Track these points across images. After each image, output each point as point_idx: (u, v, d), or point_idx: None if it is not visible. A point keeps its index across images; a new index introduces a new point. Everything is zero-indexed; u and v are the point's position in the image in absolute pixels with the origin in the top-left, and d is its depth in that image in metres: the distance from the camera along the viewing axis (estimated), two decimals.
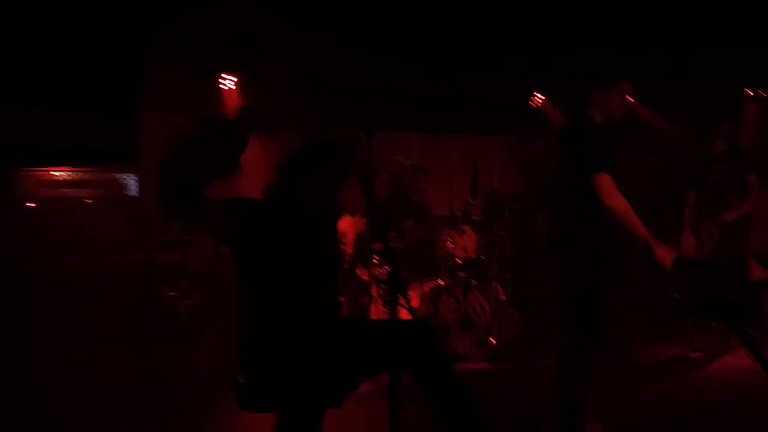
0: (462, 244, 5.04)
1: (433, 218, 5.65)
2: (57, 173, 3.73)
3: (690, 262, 2.80)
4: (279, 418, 1.93)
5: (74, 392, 3.36)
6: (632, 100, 2.99)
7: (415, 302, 4.58)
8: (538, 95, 6.37)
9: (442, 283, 4.67)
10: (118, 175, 3.82)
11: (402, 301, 1.82)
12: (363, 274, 4.75)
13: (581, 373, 2.85)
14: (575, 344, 2.89)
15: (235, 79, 4.98)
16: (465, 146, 6.70)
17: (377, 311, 4.49)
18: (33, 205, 3.59)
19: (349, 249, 4.87)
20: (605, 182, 2.70)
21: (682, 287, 2.73)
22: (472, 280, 4.80)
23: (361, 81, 5.33)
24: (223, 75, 4.96)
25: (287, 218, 2.09)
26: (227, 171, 2.04)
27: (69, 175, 3.74)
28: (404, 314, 1.88)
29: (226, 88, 4.97)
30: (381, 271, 4.39)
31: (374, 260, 4.57)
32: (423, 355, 1.99)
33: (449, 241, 4.93)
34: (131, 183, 3.86)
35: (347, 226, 4.86)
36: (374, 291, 4.58)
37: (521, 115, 6.44)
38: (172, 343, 3.91)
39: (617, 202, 2.71)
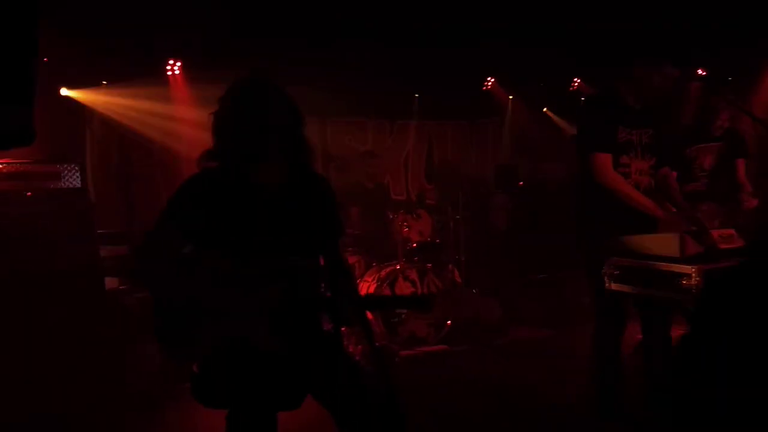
0: (417, 228, 5.08)
1: (390, 202, 5.67)
2: None
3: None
4: (230, 417, 1.75)
5: (22, 387, 3.24)
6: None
7: (372, 287, 4.60)
8: (490, 79, 6.44)
9: (398, 267, 4.70)
10: (59, 167, 3.66)
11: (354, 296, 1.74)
12: None
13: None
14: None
15: (180, 64, 4.83)
16: (420, 131, 6.73)
17: None
18: None
19: None
20: (599, 161, 2.66)
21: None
22: (428, 264, 4.85)
23: (313, 66, 5.25)
24: (169, 61, 4.81)
25: (234, 189, 1.82)
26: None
27: (6, 167, 3.56)
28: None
29: (171, 74, 4.82)
30: None
31: None
32: None
33: (405, 225, 4.95)
34: (74, 175, 3.71)
35: None
36: None
37: (474, 100, 6.51)
38: (123, 336, 3.80)
39: (609, 180, 2.66)
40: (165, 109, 4.96)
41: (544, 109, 6.62)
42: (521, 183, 5.52)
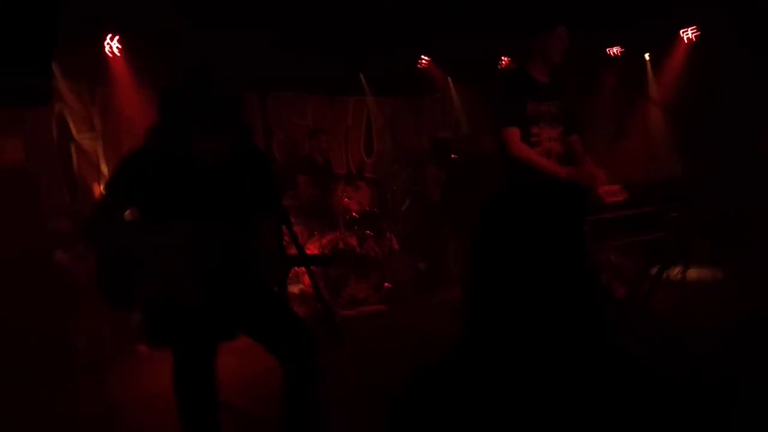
0: (357, 198, 5.38)
1: (333, 176, 5.92)
2: None
3: None
4: (174, 353, 2.02)
5: None
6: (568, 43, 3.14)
7: (314, 252, 4.88)
8: (424, 57, 6.73)
9: (338, 234, 4.99)
10: (2, 143, 3.71)
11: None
12: None
13: None
14: None
15: (120, 47, 4.85)
16: (358, 107, 6.98)
17: None
18: None
19: None
20: (507, 135, 3.04)
21: None
22: (368, 232, 5.17)
23: (255, 43, 5.37)
24: (108, 38, 4.81)
25: (175, 163, 2.05)
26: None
27: None
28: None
29: (111, 55, 4.83)
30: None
31: None
32: (299, 360, 2.12)
33: (345, 196, 5.24)
34: (15, 149, 3.77)
35: None
36: None
37: (410, 77, 6.79)
38: (69, 307, 3.92)
39: (517, 151, 3.03)
40: (105, 87, 4.99)
41: None
42: (453, 156, 5.88)
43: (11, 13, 1.13)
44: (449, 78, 6.99)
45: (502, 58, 6.93)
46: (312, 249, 4.96)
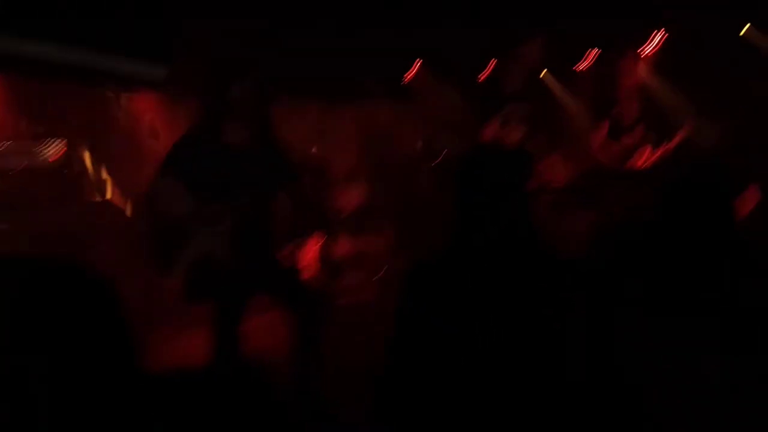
0: (354, 197, 5.89)
1: (331, 179, 6.41)
2: None
3: None
4: (215, 308, 2.52)
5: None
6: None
7: (315, 247, 5.39)
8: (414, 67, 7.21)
9: (337, 229, 5.51)
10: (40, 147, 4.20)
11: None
12: None
13: None
14: None
15: None
16: (356, 114, 7.47)
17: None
18: None
19: None
20: (487, 131, 3.62)
21: None
22: (364, 226, 5.69)
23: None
24: None
25: (210, 145, 2.52)
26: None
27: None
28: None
29: None
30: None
31: None
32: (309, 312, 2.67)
33: (343, 195, 5.77)
34: (56, 151, 4.26)
35: None
36: None
37: (404, 85, 7.27)
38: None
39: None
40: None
41: None
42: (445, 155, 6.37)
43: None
44: (441, 81, 7.46)
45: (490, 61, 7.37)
46: (313, 243, 5.45)
